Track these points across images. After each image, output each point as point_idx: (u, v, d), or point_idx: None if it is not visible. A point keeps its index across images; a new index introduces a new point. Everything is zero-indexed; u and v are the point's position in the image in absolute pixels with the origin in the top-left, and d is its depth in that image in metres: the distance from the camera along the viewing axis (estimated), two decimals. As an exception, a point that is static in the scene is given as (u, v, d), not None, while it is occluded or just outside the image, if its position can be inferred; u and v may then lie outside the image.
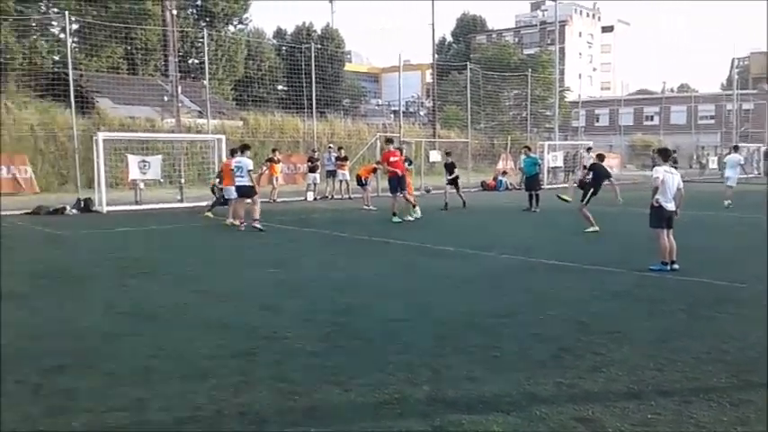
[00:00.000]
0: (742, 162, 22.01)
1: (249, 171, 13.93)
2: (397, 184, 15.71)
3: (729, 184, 20.31)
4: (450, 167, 19.41)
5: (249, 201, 14.16)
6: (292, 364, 5.24)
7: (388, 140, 17.29)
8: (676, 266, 9.29)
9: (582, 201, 13.98)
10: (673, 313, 6.97)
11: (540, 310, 7.00)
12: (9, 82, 28.90)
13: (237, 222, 14.34)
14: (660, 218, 9.34)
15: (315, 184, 23.17)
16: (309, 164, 23.55)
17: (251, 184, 13.94)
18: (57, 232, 13.54)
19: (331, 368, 5.15)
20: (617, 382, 4.88)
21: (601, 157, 15.28)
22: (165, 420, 4.17)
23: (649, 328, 6.38)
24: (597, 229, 13.62)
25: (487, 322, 6.53)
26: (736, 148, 23.30)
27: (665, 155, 9.75)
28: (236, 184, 13.93)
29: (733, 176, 20.31)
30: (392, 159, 15.87)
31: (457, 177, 19.35)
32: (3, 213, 16.68)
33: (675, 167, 10.26)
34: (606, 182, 14.28)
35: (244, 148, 14.52)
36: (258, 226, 13.59)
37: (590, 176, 14.23)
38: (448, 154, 20.73)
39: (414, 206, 15.96)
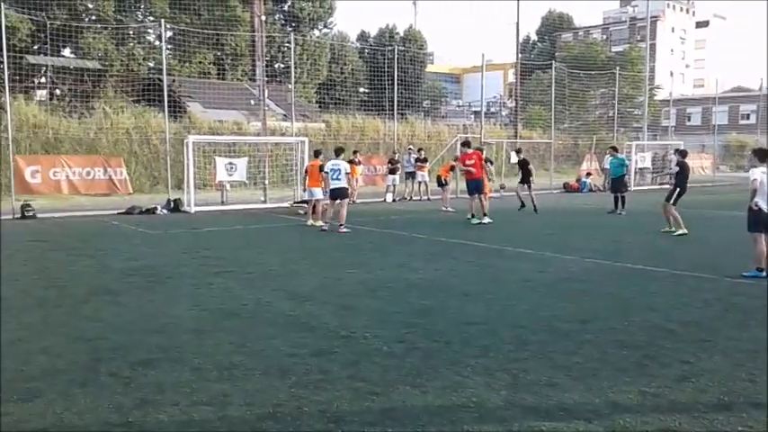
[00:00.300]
0: None
1: (347, 174, 14.32)
2: (474, 187, 15.67)
3: None
4: (522, 165, 18.99)
5: (338, 202, 14.40)
6: (370, 365, 5.28)
7: (465, 144, 17.06)
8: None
9: (670, 201, 13.55)
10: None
11: (624, 316, 6.79)
12: (107, 88, 30.51)
13: (319, 223, 14.65)
14: (758, 221, 8.88)
15: (394, 186, 23.28)
16: (390, 165, 23.68)
17: (346, 186, 14.32)
18: (148, 231, 14.16)
19: (408, 369, 5.17)
20: (706, 393, 4.67)
21: (683, 154, 14.74)
22: (247, 416, 4.28)
23: (742, 337, 6.07)
24: (686, 231, 13.15)
25: (569, 327, 6.38)
26: None
27: (763, 155, 9.20)
28: (332, 186, 14.27)
29: None
30: (468, 162, 15.77)
31: (530, 177, 18.80)
32: (97, 213, 17.60)
33: None
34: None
35: (339, 151, 15.04)
36: (344, 230, 13.81)
37: (675, 172, 13.94)
38: (518, 151, 20.31)
39: (484, 214, 15.59)
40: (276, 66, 41.97)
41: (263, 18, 23.19)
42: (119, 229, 14.69)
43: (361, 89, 46.77)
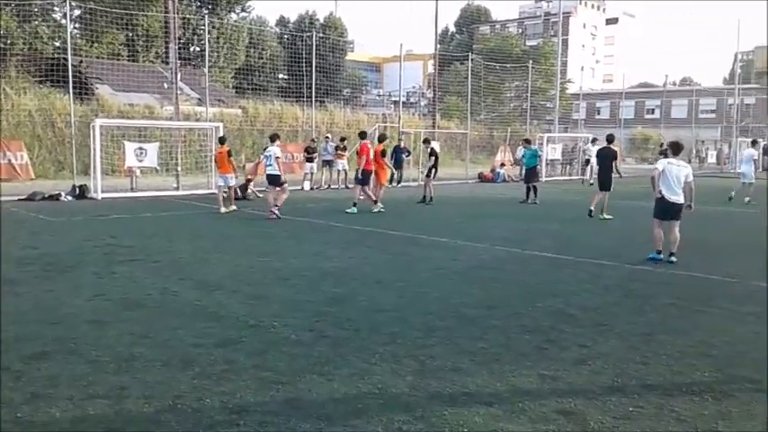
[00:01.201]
0: (755, 157, 20.56)
1: (277, 158, 14.37)
2: (362, 176, 15.89)
3: (744, 180, 19.63)
4: (434, 155, 18.71)
5: (276, 189, 14.53)
6: (277, 354, 5.22)
7: (360, 134, 17.69)
8: (674, 259, 9.33)
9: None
10: (663, 307, 6.95)
11: (529, 302, 6.99)
12: (9, 67, 28.83)
13: (233, 207, 14.57)
14: (660, 208, 9.44)
15: (312, 174, 23.11)
16: (306, 154, 23.48)
17: (279, 173, 14.35)
18: (49, 219, 13.52)
19: (316, 358, 5.14)
20: (601, 375, 4.87)
21: (610, 139, 15.64)
22: (146, 409, 4.14)
23: (637, 321, 6.36)
24: (592, 210, 14.70)
25: (476, 313, 6.52)
26: (754, 143, 22.39)
27: (676, 149, 9.79)
28: (267, 172, 14.55)
29: (748, 172, 19.50)
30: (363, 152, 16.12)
31: (433, 167, 18.29)
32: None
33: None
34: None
35: (274, 137, 14.99)
36: (276, 213, 13.91)
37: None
38: (427, 141, 20.07)
39: (375, 202, 15.79)
40: (191, 49, 40.77)
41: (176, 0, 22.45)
42: (18, 216, 13.94)
43: (280, 75, 46.08)
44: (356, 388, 4.56)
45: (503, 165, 30.37)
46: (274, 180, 14.43)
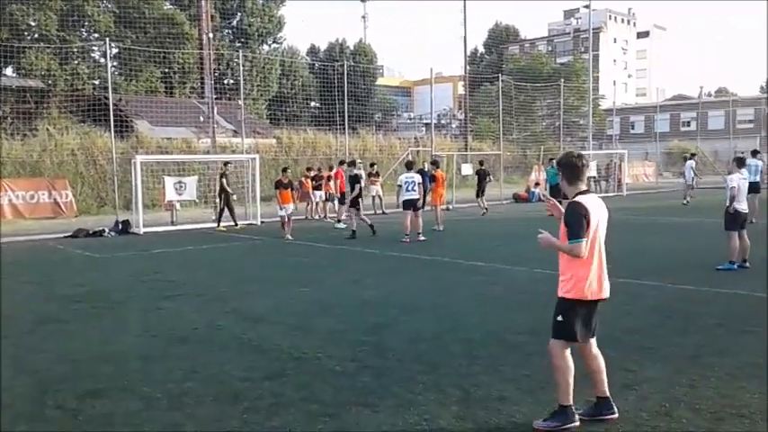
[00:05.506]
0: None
1: (419, 184, 15.29)
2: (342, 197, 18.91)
3: None
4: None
5: (413, 212, 15.27)
6: (322, 385, 5.30)
7: (341, 162, 20.25)
8: (747, 264, 10.08)
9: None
10: (707, 328, 6.86)
11: (571, 327, 6.94)
12: (51, 107, 29.79)
13: (289, 237, 14.81)
14: (736, 221, 10.14)
15: (323, 203, 22.73)
16: (313, 182, 22.60)
17: (418, 197, 15.19)
18: (95, 255, 13.86)
19: (360, 389, 5.20)
20: (648, 400, 4.83)
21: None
22: (198, 444, 4.25)
23: (683, 343, 6.29)
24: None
25: (518, 339, 6.52)
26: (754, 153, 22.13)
27: (741, 162, 10.53)
28: (405, 198, 15.24)
29: None
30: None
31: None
32: (42, 237, 17.15)
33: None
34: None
35: (410, 164, 16.24)
36: (422, 238, 14.89)
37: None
38: (481, 163, 20.57)
39: (338, 220, 18.63)
40: (225, 82, 41.64)
41: (211, 36, 23.03)
42: (65, 254, 14.34)
43: (313, 103, 46.74)
44: (402, 419, 4.60)
45: (537, 184, 30.18)
46: (413, 204, 15.11)
